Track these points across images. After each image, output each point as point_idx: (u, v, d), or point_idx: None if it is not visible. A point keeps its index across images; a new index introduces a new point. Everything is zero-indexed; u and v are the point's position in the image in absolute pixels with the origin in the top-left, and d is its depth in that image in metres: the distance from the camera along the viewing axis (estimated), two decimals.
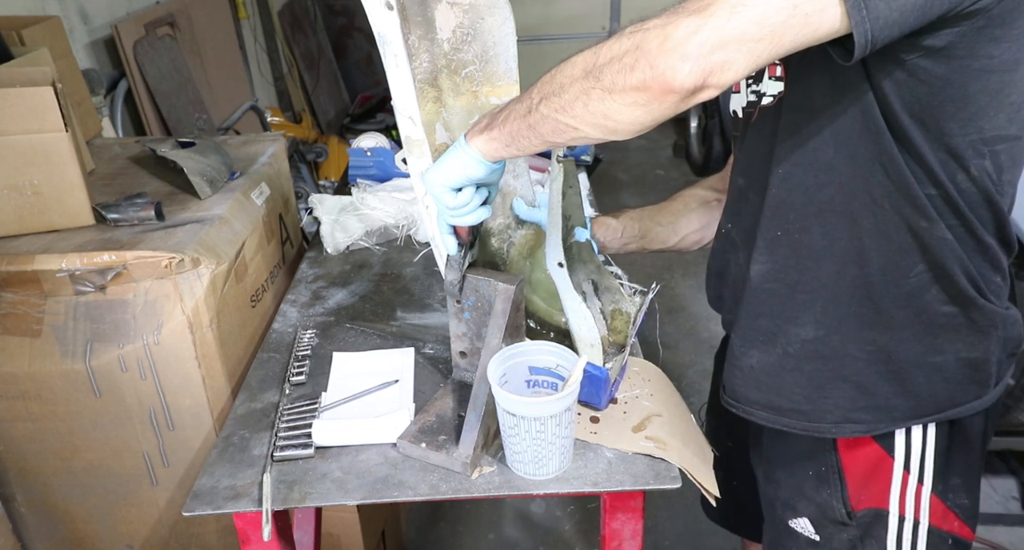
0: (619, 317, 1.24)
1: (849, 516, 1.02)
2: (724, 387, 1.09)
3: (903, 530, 1.00)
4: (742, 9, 0.68)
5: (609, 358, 1.20)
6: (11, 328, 1.25)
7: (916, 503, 0.99)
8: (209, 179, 1.46)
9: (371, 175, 1.89)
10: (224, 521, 1.39)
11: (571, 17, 5.30)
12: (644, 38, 0.72)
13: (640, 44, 0.72)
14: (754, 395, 1.04)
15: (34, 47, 1.55)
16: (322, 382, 1.25)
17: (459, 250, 1.05)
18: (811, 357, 0.97)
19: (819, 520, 1.05)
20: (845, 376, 0.96)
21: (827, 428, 0.98)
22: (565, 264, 1.14)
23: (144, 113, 2.63)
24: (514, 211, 1.22)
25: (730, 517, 1.41)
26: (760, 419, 1.04)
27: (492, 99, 1.12)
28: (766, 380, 1.02)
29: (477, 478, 1.04)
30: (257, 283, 1.47)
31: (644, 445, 1.07)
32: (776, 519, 1.11)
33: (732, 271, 1.08)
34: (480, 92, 1.12)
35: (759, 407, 1.04)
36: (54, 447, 1.33)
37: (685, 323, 3.18)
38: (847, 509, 1.01)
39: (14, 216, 1.29)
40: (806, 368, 0.98)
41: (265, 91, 4.20)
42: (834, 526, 1.03)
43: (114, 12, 2.74)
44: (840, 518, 1.02)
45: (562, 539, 2.15)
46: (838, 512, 1.02)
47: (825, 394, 0.97)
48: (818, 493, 1.03)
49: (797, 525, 1.07)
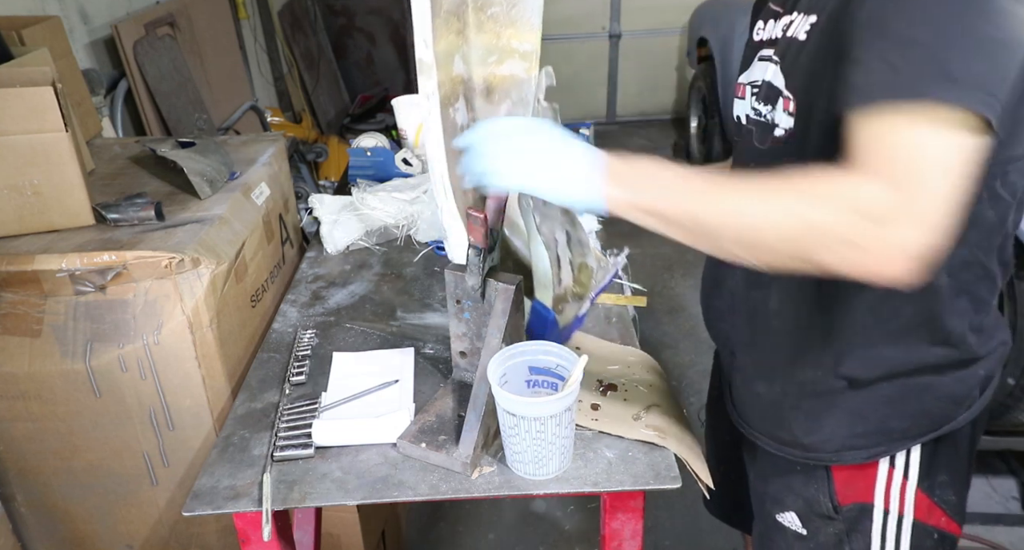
0: (584, 271, 1.24)
1: (835, 510, 1.03)
2: (735, 405, 1.12)
3: (887, 524, 1.01)
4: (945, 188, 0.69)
5: (567, 307, 1.20)
6: (11, 328, 1.25)
7: (901, 498, 1.00)
8: (209, 179, 1.46)
9: (371, 175, 1.89)
10: (224, 521, 1.39)
11: (571, 17, 5.30)
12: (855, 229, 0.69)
13: (852, 236, 0.70)
14: (759, 423, 1.08)
15: (34, 47, 1.55)
16: (322, 382, 1.25)
17: (478, 254, 1.05)
18: (808, 395, 0.99)
19: (806, 514, 1.06)
20: (840, 406, 0.97)
21: (827, 457, 1.00)
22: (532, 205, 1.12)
23: (144, 113, 2.63)
24: None
25: (731, 513, 1.42)
26: (765, 444, 1.07)
27: (512, 42, 1.10)
28: (770, 411, 1.05)
29: (477, 478, 1.04)
30: (257, 283, 1.47)
31: (645, 432, 1.08)
32: (764, 514, 1.12)
33: (729, 285, 1.08)
34: (502, 34, 1.10)
35: (764, 434, 1.07)
36: (54, 447, 1.33)
37: (685, 323, 3.18)
38: (833, 503, 1.02)
39: (14, 216, 1.29)
40: (804, 405, 1.00)
41: (265, 91, 4.20)
42: (821, 520, 1.04)
43: (114, 12, 2.74)
44: (827, 512, 1.03)
45: (562, 539, 2.15)
46: (824, 506, 1.03)
47: (822, 425, 0.99)
48: (805, 488, 1.04)
49: (784, 519, 1.08)
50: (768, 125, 0.94)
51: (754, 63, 0.99)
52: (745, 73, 1.02)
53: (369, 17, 5.36)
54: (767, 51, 0.96)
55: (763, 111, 0.95)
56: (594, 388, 1.19)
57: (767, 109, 0.94)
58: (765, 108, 0.94)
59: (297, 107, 4.49)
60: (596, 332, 1.36)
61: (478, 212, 1.02)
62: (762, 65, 0.96)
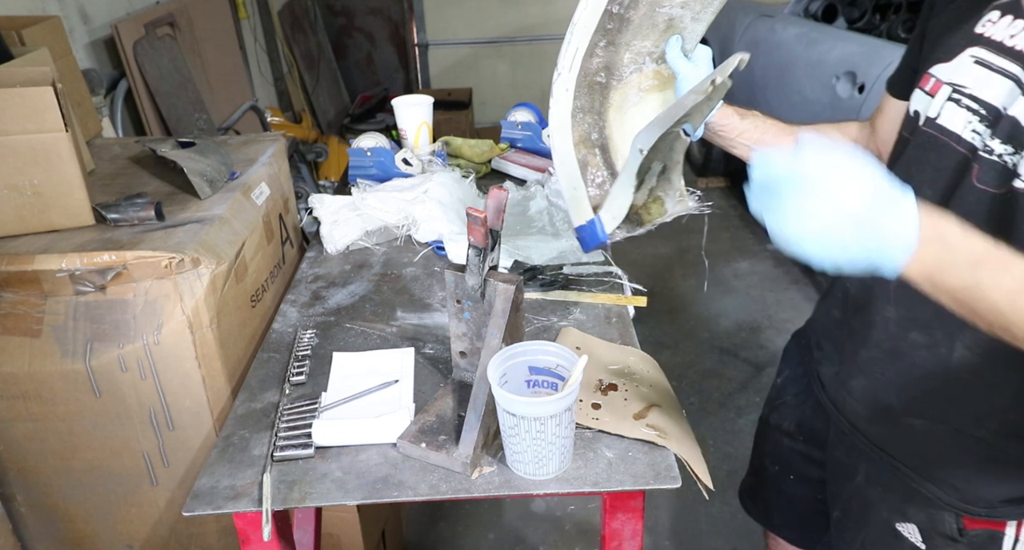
0: (656, 204, 1.21)
1: (960, 533, 0.95)
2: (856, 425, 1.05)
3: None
4: None
5: (621, 228, 1.18)
6: (11, 328, 1.25)
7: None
8: (209, 179, 1.46)
9: (371, 175, 1.89)
10: (224, 521, 1.39)
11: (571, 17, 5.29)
12: None
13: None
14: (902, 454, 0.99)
15: (34, 47, 1.55)
16: (322, 382, 1.25)
17: (478, 254, 1.05)
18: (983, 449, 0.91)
19: (927, 530, 0.99)
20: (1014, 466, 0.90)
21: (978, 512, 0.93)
22: (646, 153, 1.08)
23: (144, 113, 2.64)
24: (665, 47, 1.15)
25: (774, 515, 1.37)
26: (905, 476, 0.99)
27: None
28: (926, 445, 0.96)
29: (477, 478, 1.04)
30: (257, 283, 1.47)
31: (645, 432, 1.08)
32: (879, 520, 1.05)
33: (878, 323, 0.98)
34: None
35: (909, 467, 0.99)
36: (54, 447, 1.33)
37: (685, 323, 3.18)
38: (959, 526, 0.95)
39: (14, 216, 1.29)
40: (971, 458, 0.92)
41: (265, 91, 4.20)
42: (943, 539, 0.97)
43: (114, 12, 2.74)
44: (950, 533, 0.96)
45: (562, 539, 2.15)
46: (949, 527, 0.96)
47: (987, 480, 0.92)
48: (931, 503, 0.97)
49: (904, 530, 1.01)
50: (1007, 171, 0.78)
51: (971, 65, 0.82)
52: (946, 67, 0.86)
53: (369, 17, 5.36)
54: (1008, 64, 0.79)
55: (996, 149, 0.79)
56: (594, 388, 1.19)
57: (1005, 149, 0.78)
58: (1003, 148, 0.79)
59: (297, 107, 4.49)
60: (596, 332, 1.36)
61: (478, 212, 1.02)
62: (996, 80, 0.79)
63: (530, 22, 5.29)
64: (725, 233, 3.96)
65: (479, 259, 1.05)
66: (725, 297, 3.39)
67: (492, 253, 1.07)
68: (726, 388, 2.71)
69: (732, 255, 3.74)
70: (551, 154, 1.20)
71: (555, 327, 1.38)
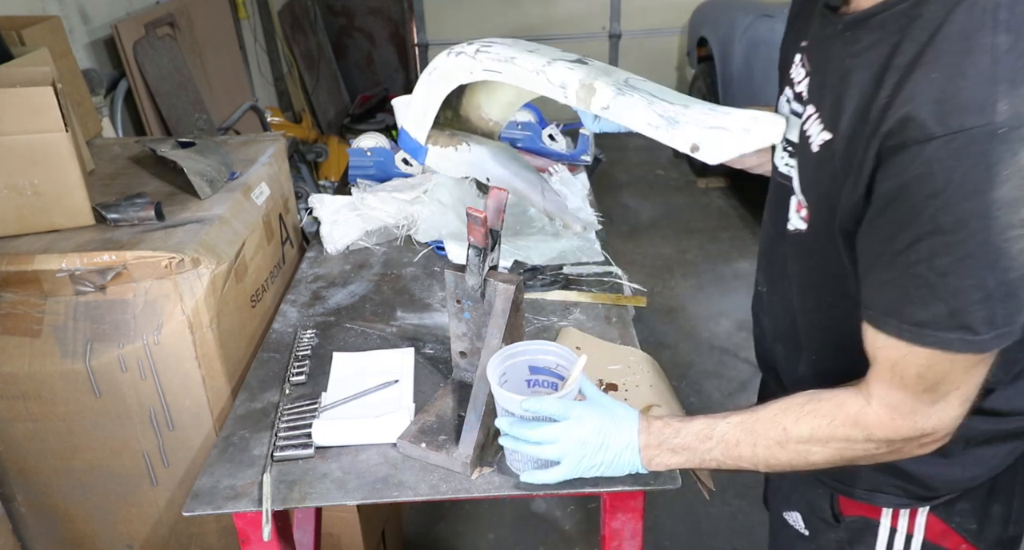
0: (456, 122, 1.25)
1: (836, 519, 1.01)
2: None
3: (894, 541, 0.98)
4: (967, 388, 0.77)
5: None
6: (11, 328, 1.25)
7: (910, 520, 0.96)
8: (209, 179, 1.46)
9: (371, 175, 1.89)
10: (224, 521, 1.39)
11: (571, 17, 5.30)
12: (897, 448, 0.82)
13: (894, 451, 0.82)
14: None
15: (34, 47, 1.55)
16: (322, 382, 1.25)
17: (478, 254, 1.05)
18: None
19: (808, 516, 1.05)
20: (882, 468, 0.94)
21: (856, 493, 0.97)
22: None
23: (144, 113, 2.64)
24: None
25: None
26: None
27: None
28: None
29: (477, 478, 1.04)
30: (257, 283, 1.47)
31: None
32: (775, 512, 1.12)
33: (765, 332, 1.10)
34: None
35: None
36: (54, 447, 1.33)
37: (685, 323, 3.18)
38: (835, 512, 1.01)
39: (14, 216, 1.29)
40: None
41: (265, 91, 4.20)
42: (822, 524, 1.03)
43: (114, 12, 2.74)
44: (827, 519, 1.02)
45: (562, 539, 2.15)
46: (825, 512, 1.02)
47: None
48: (810, 490, 1.03)
49: (790, 518, 1.08)
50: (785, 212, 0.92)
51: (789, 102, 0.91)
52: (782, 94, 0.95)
53: (369, 17, 5.36)
54: (797, 106, 0.89)
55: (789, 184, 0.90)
56: None
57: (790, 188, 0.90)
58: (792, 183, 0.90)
59: (297, 107, 4.49)
60: (596, 332, 1.36)
61: (478, 212, 1.02)
62: (793, 119, 0.89)
63: (530, 22, 5.29)
64: (725, 233, 3.96)
65: (479, 259, 1.05)
66: (725, 297, 3.39)
67: (492, 253, 1.07)
68: (726, 388, 2.71)
69: (732, 255, 3.74)
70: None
71: (555, 327, 1.38)
